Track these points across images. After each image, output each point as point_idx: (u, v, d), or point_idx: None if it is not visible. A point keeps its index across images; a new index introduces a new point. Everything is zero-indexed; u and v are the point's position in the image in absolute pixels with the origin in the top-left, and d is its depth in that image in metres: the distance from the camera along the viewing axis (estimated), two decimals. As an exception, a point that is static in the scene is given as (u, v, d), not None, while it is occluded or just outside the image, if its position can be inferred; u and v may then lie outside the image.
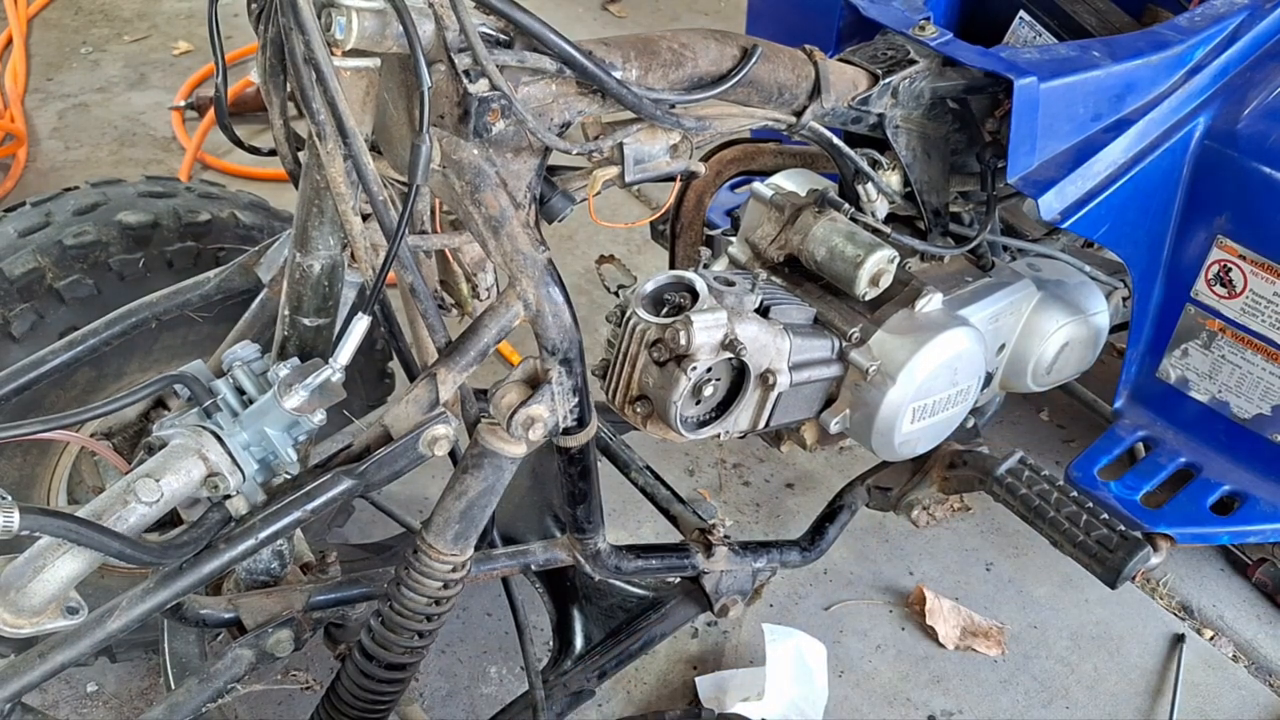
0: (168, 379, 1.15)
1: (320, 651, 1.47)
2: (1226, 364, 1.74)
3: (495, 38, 1.00)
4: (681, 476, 2.33)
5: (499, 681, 1.91)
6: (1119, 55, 1.51)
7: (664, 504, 1.62)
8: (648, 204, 3.11)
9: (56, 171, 3.07)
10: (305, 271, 1.19)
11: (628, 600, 1.63)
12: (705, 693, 1.90)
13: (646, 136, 1.15)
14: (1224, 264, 1.66)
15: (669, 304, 1.29)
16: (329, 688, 1.27)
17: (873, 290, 1.39)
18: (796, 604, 2.10)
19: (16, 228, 1.53)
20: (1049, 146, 1.46)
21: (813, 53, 1.30)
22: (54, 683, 1.80)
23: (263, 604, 1.24)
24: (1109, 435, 1.88)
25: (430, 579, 1.17)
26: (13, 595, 0.98)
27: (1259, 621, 2.14)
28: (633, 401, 1.31)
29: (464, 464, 1.14)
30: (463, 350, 1.09)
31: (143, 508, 1.02)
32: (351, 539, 2.00)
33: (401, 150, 1.03)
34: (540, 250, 1.07)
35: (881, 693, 1.96)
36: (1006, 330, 1.61)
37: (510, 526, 1.63)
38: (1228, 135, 1.59)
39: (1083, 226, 1.50)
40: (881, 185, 1.46)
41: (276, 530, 1.08)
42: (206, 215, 1.63)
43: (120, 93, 3.47)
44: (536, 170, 1.10)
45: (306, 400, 1.08)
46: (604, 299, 2.68)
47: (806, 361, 1.39)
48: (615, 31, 3.52)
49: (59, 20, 3.82)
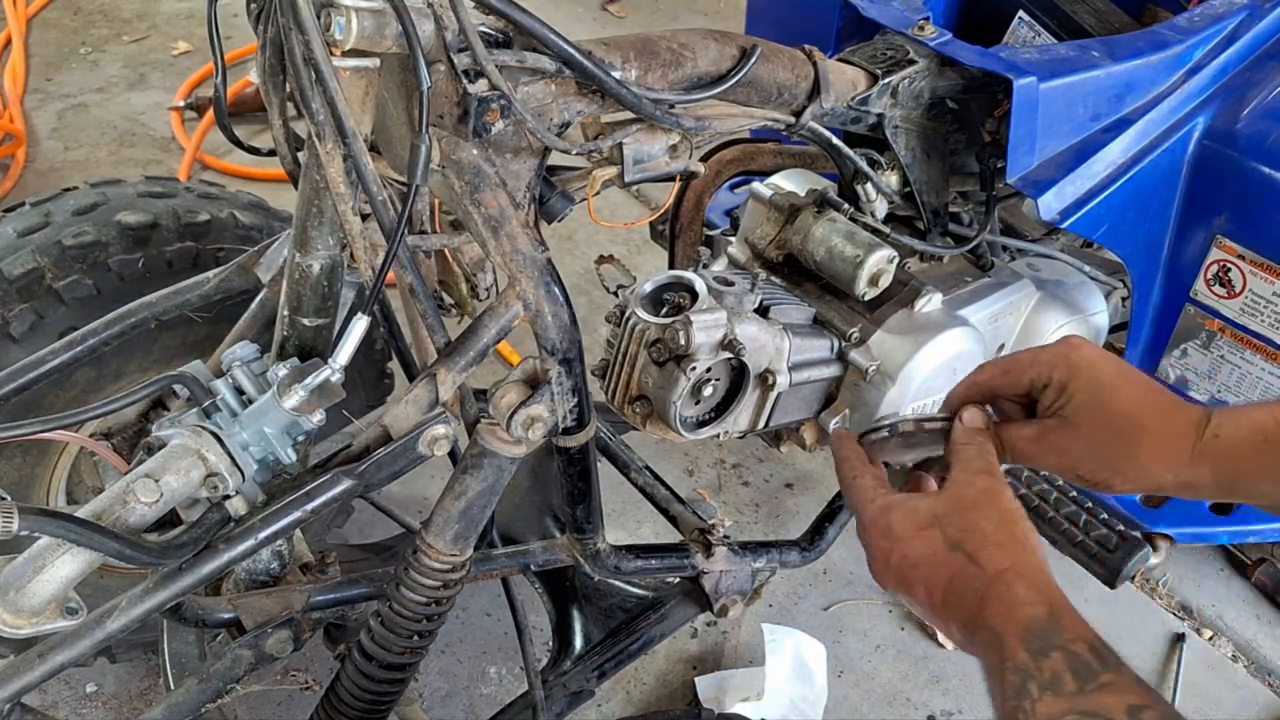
0: (167, 379, 1.15)
1: (320, 651, 1.47)
2: (1226, 364, 1.74)
3: (495, 37, 1.00)
4: (681, 477, 2.33)
5: (498, 682, 1.91)
6: (1118, 55, 1.51)
7: (663, 504, 1.62)
8: (647, 204, 3.11)
9: (56, 172, 3.07)
10: (305, 271, 1.19)
11: (627, 600, 1.63)
12: (705, 693, 1.90)
13: (646, 136, 1.15)
14: (1223, 264, 1.66)
15: (668, 304, 1.29)
16: (328, 688, 1.27)
17: (872, 290, 1.39)
18: (796, 604, 2.10)
19: (16, 228, 1.53)
20: (1048, 146, 1.46)
21: (812, 53, 1.30)
22: (54, 683, 1.80)
23: (262, 604, 1.24)
24: (1108, 435, 1.88)
25: (430, 579, 1.17)
26: (12, 595, 0.98)
27: (1258, 622, 2.14)
28: (632, 401, 1.31)
29: (463, 464, 1.14)
30: (462, 350, 1.09)
31: (142, 508, 1.02)
32: (351, 539, 2.00)
33: (401, 150, 1.03)
34: (540, 250, 1.07)
35: (881, 693, 1.96)
36: (1006, 330, 1.61)
37: (510, 526, 1.63)
38: (1227, 135, 1.59)
39: (1082, 226, 1.50)
40: (881, 185, 1.46)
41: (276, 530, 1.08)
42: (206, 215, 1.63)
43: (119, 93, 3.47)
44: (536, 170, 1.10)
45: (306, 400, 1.08)
46: (603, 299, 2.68)
47: (806, 361, 1.39)
48: (615, 32, 3.52)
49: (58, 20, 3.82)
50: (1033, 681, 0.70)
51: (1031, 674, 0.70)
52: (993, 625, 0.77)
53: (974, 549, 0.84)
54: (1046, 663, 0.71)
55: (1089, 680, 0.68)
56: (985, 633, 0.78)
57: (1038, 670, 0.70)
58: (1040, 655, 0.71)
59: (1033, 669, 0.71)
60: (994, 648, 0.76)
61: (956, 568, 0.84)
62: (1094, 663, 0.70)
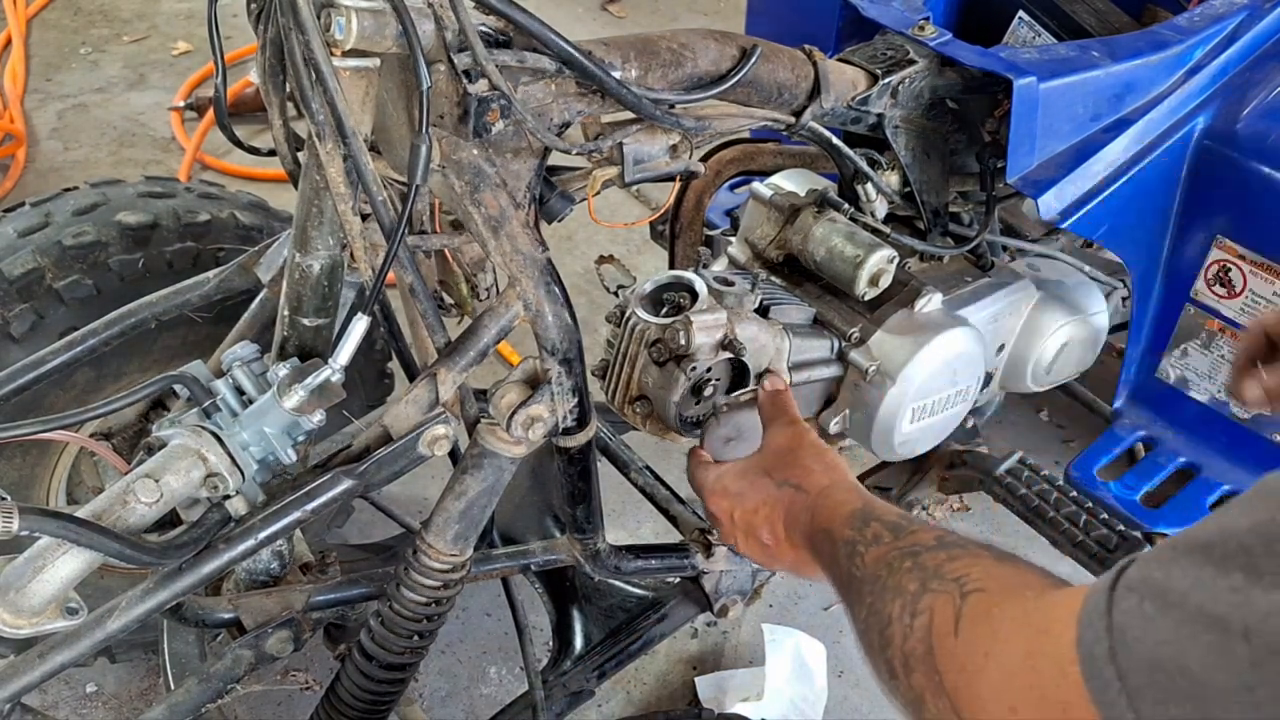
0: (167, 379, 1.15)
1: (320, 652, 1.47)
2: (1226, 364, 1.74)
3: (495, 37, 1.00)
4: (681, 477, 2.32)
5: (498, 682, 1.91)
6: (1118, 55, 1.51)
7: (663, 504, 1.62)
8: (647, 204, 3.11)
9: (56, 172, 3.07)
10: (305, 272, 1.19)
11: (627, 600, 1.63)
12: (705, 693, 1.90)
13: (646, 136, 1.15)
14: (1223, 264, 1.66)
15: (668, 304, 1.29)
16: (329, 688, 1.27)
17: (872, 290, 1.39)
18: (796, 604, 2.10)
19: (16, 228, 1.53)
20: (1048, 146, 1.46)
21: (812, 53, 1.30)
22: (54, 683, 1.80)
23: (262, 604, 1.24)
24: (1108, 435, 1.88)
25: (430, 579, 1.17)
26: (12, 595, 0.98)
27: (1258, 621, 2.14)
28: (632, 401, 1.31)
29: (464, 464, 1.14)
30: (462, 350, 1.09)
31: (142, 508, 1.02)
32: (351, 539, 2.00)
33: (401, 150, 1.03)
34: (540, 250, 1.07)
35: (881, 693, 1.96)
36: (1006, 330, 1.61)
37: (510, 526, 1.63)
38: (1227, 135, 1.59)
39: (1082, 226, 1.50)
40: (881, 185, 1.46)
41: (276, 530, 1.08)
42: (206, 216, 1.62)
43: (119, 93, 3.47)
44: (536, 170, 1.10)
45: (306, 400, 1.07)
46: (604, 299, 2.68)
47: (806, 362, 1.39)
48: (615, 32, 3.52)
49: (58, 21, 3.82)
50: (860, 544, 0.87)
51: (857, 541, 0.88)
52: (823, 526, 0.95)
53: (798, 480, 1.05)
54: (868, 530, 0.88)
55: (902, 533, 0.85)
56: (819, 535, 0.96)
57: (861, 537, 0.88)
58: (863, 527, 0.89)
59: (857, 538, 0.88)
60: (827, 541, 0.94)
61: (789, 499, 1.04)
62: (903, 522, 0.88)
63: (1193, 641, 0.51)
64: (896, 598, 0.77)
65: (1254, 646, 0.49)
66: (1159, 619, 0.53)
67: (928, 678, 0.70)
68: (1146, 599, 0.55)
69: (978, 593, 0.71)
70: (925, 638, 0.72)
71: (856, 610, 0.84)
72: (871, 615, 0.80)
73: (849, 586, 0.87)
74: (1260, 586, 0.50)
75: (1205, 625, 0.51)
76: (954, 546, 0.79)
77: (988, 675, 0.65)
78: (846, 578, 0.88)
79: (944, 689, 0.69)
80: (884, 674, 0.77)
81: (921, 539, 0.82)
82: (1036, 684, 0.61)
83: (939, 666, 0.70)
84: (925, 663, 0.71)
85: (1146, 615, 0.54)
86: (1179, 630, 0.52)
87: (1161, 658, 0.53)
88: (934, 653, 0.70)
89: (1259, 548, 0.51)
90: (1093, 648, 0.56)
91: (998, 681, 0.65)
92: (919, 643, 0.72)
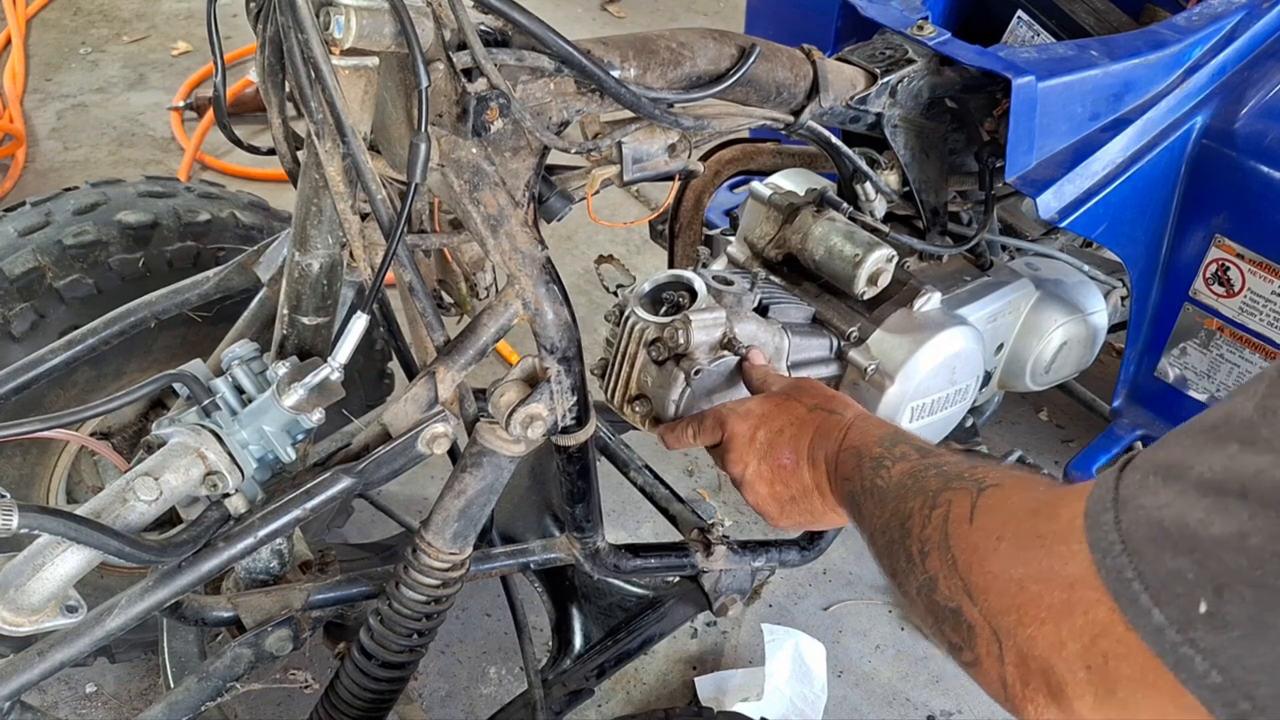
0: (166, 378, 1.15)
1: (320, 651, 1.47)
2: (1225, 363, 1.74)
3: (494, 36, 1.00)
4: (681, 476, 2.33)
5: (498, 681, 1.91)
6: (1117, 54, 1.52)
7: (663, 503, 1.62)
8: (646, 204, 3.11)
9: (55, 172, 3.07)
10: (304, 270, 1.19)
11: (627, 599, 1.63)
12: (704, 693, 1.90)
13: (645, 136, 1.15)
14: (1222, 263, 1.67)
15: (668, 303, 1.29)
16: (328, 687, 1.27)
17: (871, 289, 1.39)
18: (796, 604, 2.10)
19: (16, 227, 1.54)
20: (1047, 145, 1.46)
21: (811, 52, 1.30)
22: (53, 683, 1.80)
23: (262, 603, 1.24)
24: (1107, 434, 1.88)
25: (429, 578, 1.17)
26: (11, 593, 0.98)
27: (1258, 621, 2.15)
28: (631, 401, 1.31)
29: (463, 463, 1.14)
30: (461, 349, 1.09)
31: (142, 506, 1.02)
32: (351, 539, 2.00)
33: (400, 149, 1.03)
34: (539, 249, 1.07)
35: (881, 693, 1.96)
36: (1005, 329, 1.61)
37: (509, 526, 1.63)
38: (1225, 134, 1.60)
39: (1081, 225, 1.50)
40: (880, 184, 1.46)
41: (276, 529, 1.08)
42: (206, 215, 1.63)
43: (119, 93, 3.47)
44: (535, 169, 1.10)
45: (305, 399, 1.07)
46: (603, 299, 2.68)
47: (805, 360, 1.39)
48: (614, 31, 3.52)
49: (58, 21, 3.82)
50: (887, 459, 0.93)
51: (884, 457, 0.93)
52: (854, 445, 1.01)
53: (831, 407, 1.10)
54: (896, 449, 0.94)
55: (929, 453, 0.91)
56: (846, 452, 1.01)
57: (889, 454, 0.93)
58: (891, 446, 0.95)
59: (885, 455, 0.94)
60: (854, 457, 0.99)
61: (820, 420, 1.08)
62: (929, 447, 0.94)
63: (1193, 504, 0.55)
64: (918, 496, 0.82)
65: (1249, 501, 0.52)
66: (1162, 489, 0.57)
67: (942, 559, 0.75)
68: (1151, 474, 0.59)
69: (994, 487, 0.76)
70: (942, 525, 0.76)
71: (875, 517, 0.89)
72: (893, 517, 0.85)
73: (870, 495, 0.92)
74: (1254, 450, 0.54)
75: (1204, 490, 0.55)
76: (979, 460, 0.84)
77: (999, 554, 0.69)
78: (870, 488, 0.92)
79: (956, 569, 0.73)
80: (901, 564, 0.81)
81: (948, 457, 0.88)
82: (1045, 560, 0.64)
83: (953, 549, 0.74)
84: (941, 547, 0.75)
85: (1150, 487, 0.58)
86: (1181, 497, 0.56)
87: (1163, 518, 0.56)
88: (949, 537, 0.75)
89: (1260, 422, 0.55)
90: (1099, 518, 0.60)
91: (1008, 558, 0.68)
92: (935, 530, 0.77)
